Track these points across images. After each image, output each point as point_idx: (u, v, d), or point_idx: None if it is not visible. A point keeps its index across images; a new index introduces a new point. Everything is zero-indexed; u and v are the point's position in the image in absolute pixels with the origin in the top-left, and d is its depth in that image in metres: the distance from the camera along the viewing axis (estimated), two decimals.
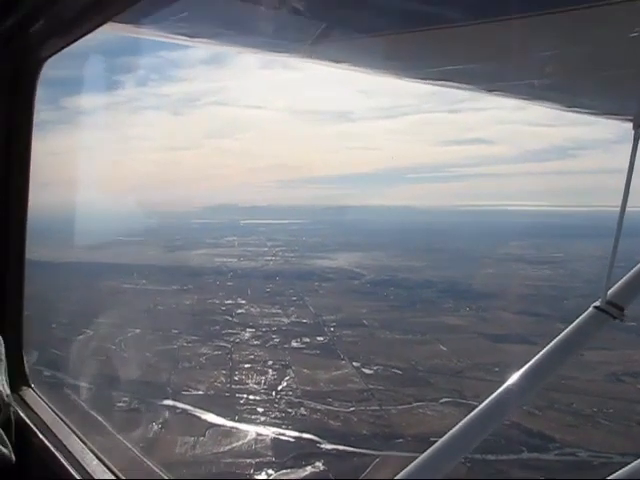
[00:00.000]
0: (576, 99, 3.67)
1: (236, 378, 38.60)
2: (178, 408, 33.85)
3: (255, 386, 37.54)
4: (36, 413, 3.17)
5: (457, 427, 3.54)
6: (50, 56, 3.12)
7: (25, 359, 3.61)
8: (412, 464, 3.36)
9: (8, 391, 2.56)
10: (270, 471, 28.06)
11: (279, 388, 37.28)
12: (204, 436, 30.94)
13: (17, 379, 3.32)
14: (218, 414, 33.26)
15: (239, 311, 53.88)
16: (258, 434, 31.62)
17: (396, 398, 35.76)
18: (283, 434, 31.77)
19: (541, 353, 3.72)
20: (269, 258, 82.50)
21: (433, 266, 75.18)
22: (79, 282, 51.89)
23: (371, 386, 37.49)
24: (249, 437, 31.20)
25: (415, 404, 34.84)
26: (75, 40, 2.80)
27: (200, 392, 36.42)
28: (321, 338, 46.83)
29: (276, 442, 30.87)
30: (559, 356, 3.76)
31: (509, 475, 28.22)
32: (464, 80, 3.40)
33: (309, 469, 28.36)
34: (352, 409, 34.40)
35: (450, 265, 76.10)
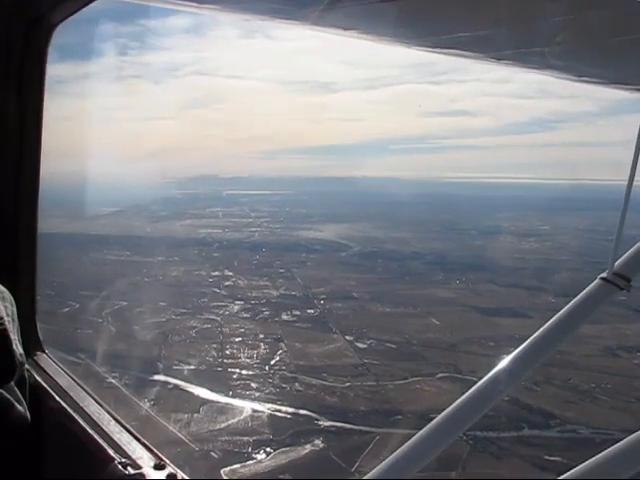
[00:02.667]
0: (587, 68, 3.48)
1: (227, 352, 37.86)
2: (170, 383, 33.06)
3: (247, 360, 36.81)
4: (50, 376, 3.17)
5: (458, 402, 3.34)
6: (60, 22, 3.06)
7: (38, 325, 3.59)
8: (409, 442, 3.20)
9: (21, 350, 2.47)
10: (269, 449, 27.38)
11: (272, 362, 36.55)
12: (198, 412, 30.14)
13: (31, 344, 3.38)
14: (211, 389, 32.50)
15: (227, 283, 53.22)
16: (254, 410, 30.89)
17: (392, 373, 35.24)
18: (279, 410, 31.04)
19: (546, 325, 3.51)
20: (254, 229, 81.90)
21: (420, 238, 75.10)
22: (62, 254, 50.64)
23: (366, 360, 36.93)
24: (245, 414, 30.45)
25: (411, 379, 34.34)
26: (85, 5, 2.77)
27: (192, 367, 35.65)
28: (311, 311, 46.26)
29: (272, 419, 30.17)
30: (565, 328, 3.56)
31: (512, 452, 27.83)
32: (473, 48, 3.21)
33: (308, 447, 27.73)
34: (348, 384, 33.79)
35: (437, 237, 76.12)
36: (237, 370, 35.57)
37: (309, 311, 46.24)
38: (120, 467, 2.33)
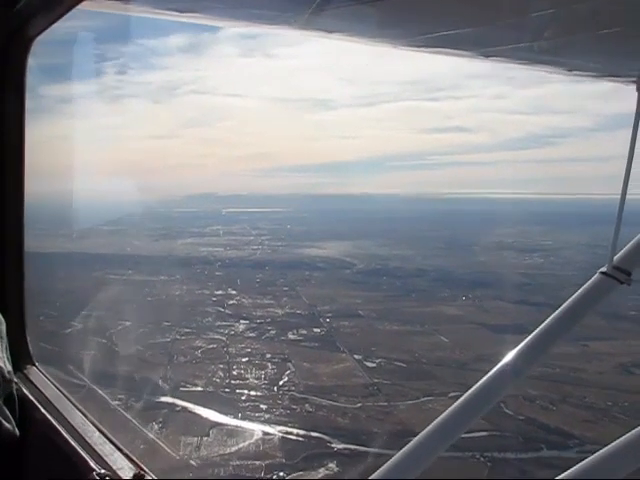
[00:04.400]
0: (577, 62, 3.57)
1: (235, 373, 37.19)
2: (177, 405, 32.36)
3: (255, 381, 36.16)
4: (39, 389, 3.18)
5: (462, 399, 3.40)
6: (38, 34, 3.10)
7: (28, 338, 3.61)
8: (412, 441, 3.24)
9: (10, 367, 2.54)
10: (282, 474, 26.63)
11: (280, 383, 35.88)
12: (208, 436, 29.43)
13: (21, 357, 3.39)
14: (220, 412, 31.81)
15: (231, 302, 52.58)
16: (264, 433, 30.16)
17: (403, 393, 34.60)
18: (290, 433, 30.32)
19: (548, 320, 3.62)
20: (256, 247, 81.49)
21: (423, 254, 74.80)
22: (64, 273, 50.09)
23: (376, 380, 36.26)
24: (255, 437, 29.74)
25: (423, 399, 33.66)
26: (62, 15, 2.77)
27: (199, 388, 34.98)
28: (318, 330, 45.64)
29: (284, 442, 29.44)
30: (567, 323, 3.67)
31: (532, 473, 27.12)
32: (461, 46, 3.32)
33: (322, 471, 27.05)
34: (359, 405, 33.11)
35: (440, 254, 75.73)
36: (245, 391, 34.86)
37: (315, 330, 45.60)
38: (98, 478, 2.38)
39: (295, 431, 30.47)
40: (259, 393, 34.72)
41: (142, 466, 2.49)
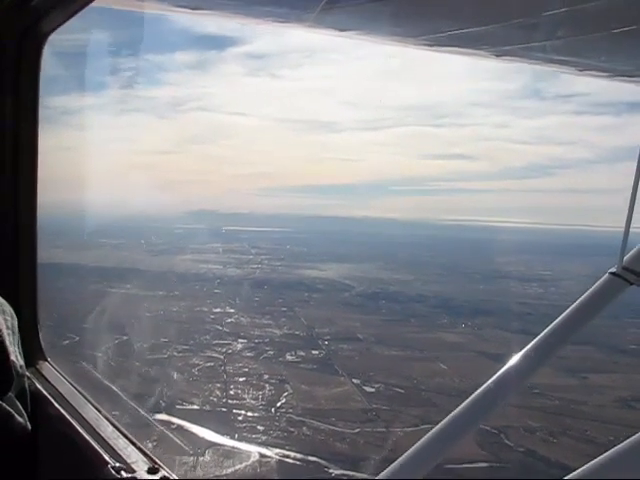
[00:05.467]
0: (589, 61, 3.55)
1: (232, 392, 36.81)
2: (173, 423, 31.95)
3: (252, 402, 35.74)
4: (52, 384, 3.18)
5: (469, 400, 3.44)
6: (52, 31, 3.07)
7: (40, 333, 3.62)
8: (419, 442, 3.31)
9: (22, 362, 2.47)
10: None
11: (278, 405, 35.45)
12: (204, 456, 29.02)
13: (33, 353, 3.39)
14: (216, 431, 31.35)
15: (229, 320, 52.21)
16: (261, 455, 29.67)
17: (402, 419, 34.14)
18: (288, 456, 29.84)
19: (556, 322, 3.62)
20: (255, 266, 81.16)
21: (423, 280, 74.54)
22: (62, 284, 49.73)
23: (374, 405, 35.87)
24: (252, 458, 29.24)
25: (423, 426, 33.07)
26: (77, 11, 2.77)
27: (195, 406, 34.53)
28: (316, 352, 45.26)
29: (281, 465, 28.96)
30: (576, 324, 3.69)
31: None
32: (472, 45, 3.33)
33: None
34: (357, 430, 32.67)
35: (440, 279, 75.49)
36: (242, 411, 34.43)
37: (314, 352, 45.22)
38: (113, 471, 2.40)
39: (292, 454, 30.01)
40: (256, 414, 34.28)
41: (156, 460, 2.53)
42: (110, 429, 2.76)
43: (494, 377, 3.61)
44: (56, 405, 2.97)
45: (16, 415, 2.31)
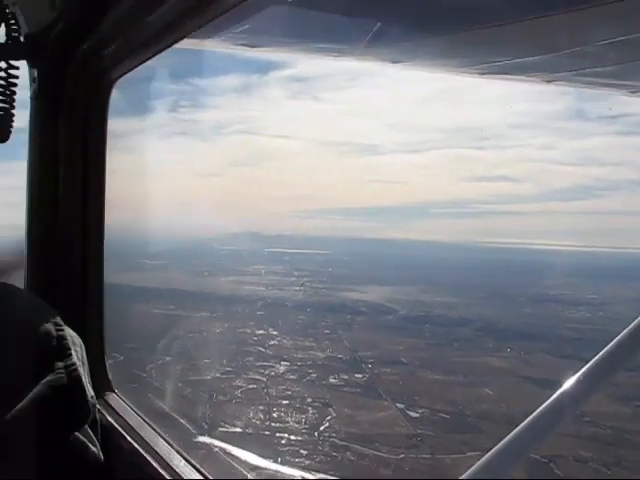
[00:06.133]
0: None
1: (275, 415, 36.53)
2: (215, 446, 31.75)
3: (295, 425, 35.41)
4: (121, 416, 3.09)
5: (517, 429, 2.93)
6: (120, 77, 3.23)
7: (107, 364, 3.52)
8: (461, 477, 2.67)
9: (92, 392, 2.30)
10: None
11: (321, 428, 35.03)
12: None
13: (100, 384, 3.32)
14: (260, 455, 31.10)
15: (272, 342, 52.11)
16: None
17: (447, 446, 33.47)
18: None
19: (609, 346, 3.07)
20: (297, 288, 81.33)
21: (467, 303, 73.89)
22: (107, 304, 50.24)
23: (419, 431, 35.22)
24: None
25: (470, 454, 32.42)
26: (145, 60, 2.92)
27: (238, 429, 34.35)
28: (360, 375, 44.77)
29: None
30: (629, 349, 3.07)
31: None
32: (522, 72, 3.34)
33: None
34: (402, 456, 32.08)
35: (484, 303, 74.62)
36: (285, 435, 34.09)
37: (357, 375, 44.71)
38: None
39: None
40: (299, 438, 33.91)
41: None
42: (183, 463, 2.68)
43: (544, 404, 3.05)
44: (128, 438, 2.90)
45: (90, 445, 2.23)
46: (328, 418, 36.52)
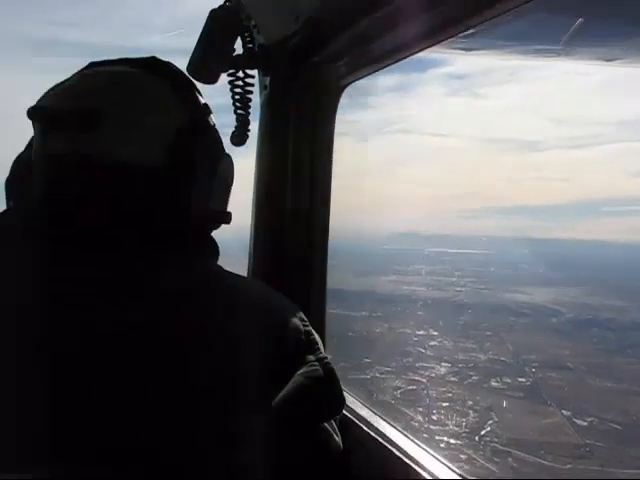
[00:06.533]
0: None
1: (434, 417, 36.05)
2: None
3: (455, 428, 34.72)
4: (350, 407, 2.99)
5: None
6: (347, 85, 3.32)
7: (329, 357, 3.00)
8: None
9: None
10: None
11: (482, 433, 34.14)
12: None
13: None
14: None
15: (432, 343, 51.58)
16: None
17: (621, 459, 31.62)
18: None
19: None
20: (458, 289, 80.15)
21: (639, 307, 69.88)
22: None
23: (588, 441, 33.43)
24: None
25: None
26: (376, 71, 3.01)
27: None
28: (523, 379, 43.33)
29: None
30: None
31: None
32: None
33: None
34: (569, 466, 30.64)
35: None
36: (445, 438, 33.50)
37: (520, 379, 43.27)
38: None
39: None
40: (459, 441, 33.21)
41: (465, 475, 2.40)
42: (417, 449, 2.59)
43: None
44: (364, 428, 2.87)
45: (334, 435, 2.19)
46: (489, 422, 35.54)
